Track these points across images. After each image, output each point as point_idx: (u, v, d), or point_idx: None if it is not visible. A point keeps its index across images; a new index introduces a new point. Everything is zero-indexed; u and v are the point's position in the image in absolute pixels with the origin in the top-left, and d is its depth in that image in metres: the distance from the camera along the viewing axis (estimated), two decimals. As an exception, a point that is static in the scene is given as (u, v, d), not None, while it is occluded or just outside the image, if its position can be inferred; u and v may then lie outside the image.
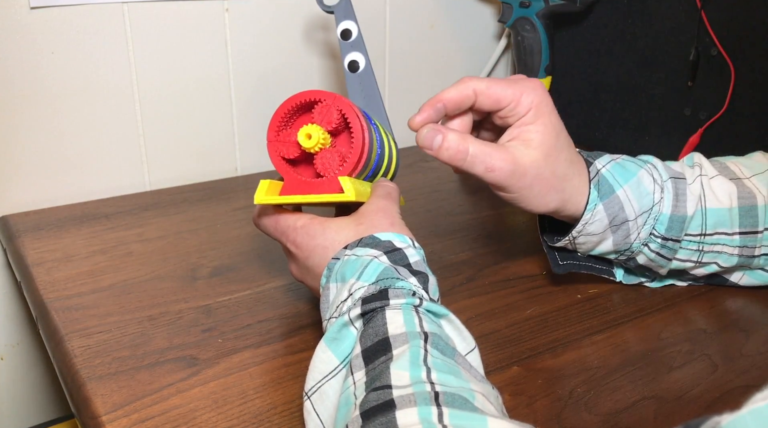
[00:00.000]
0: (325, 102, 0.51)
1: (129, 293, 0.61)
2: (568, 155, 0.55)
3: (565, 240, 0.58)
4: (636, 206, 0.56)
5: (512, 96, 0.52)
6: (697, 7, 0.82)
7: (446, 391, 0.36)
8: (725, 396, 0.50)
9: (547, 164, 0.53)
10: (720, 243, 0.58)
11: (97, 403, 0.47)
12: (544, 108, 0.53)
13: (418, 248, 0.49)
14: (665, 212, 0.57)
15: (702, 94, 0.85)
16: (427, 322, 0.42)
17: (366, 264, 0.45)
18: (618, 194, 0.56)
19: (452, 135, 0.52)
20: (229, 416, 0.46)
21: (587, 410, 0.48)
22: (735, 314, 0.60)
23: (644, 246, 0.58)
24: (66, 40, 0.76)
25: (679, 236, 0.57)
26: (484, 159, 0.52)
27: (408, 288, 0.44)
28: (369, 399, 0.36)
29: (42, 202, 0.79)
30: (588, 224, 0.56)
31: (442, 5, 1.01)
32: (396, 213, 0.52)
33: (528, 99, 0.52)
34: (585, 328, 0.58)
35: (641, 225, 0.57)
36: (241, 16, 0.86)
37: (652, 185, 0.57)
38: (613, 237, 0.58)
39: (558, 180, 0.54)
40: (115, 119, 0.82)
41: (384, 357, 0.39)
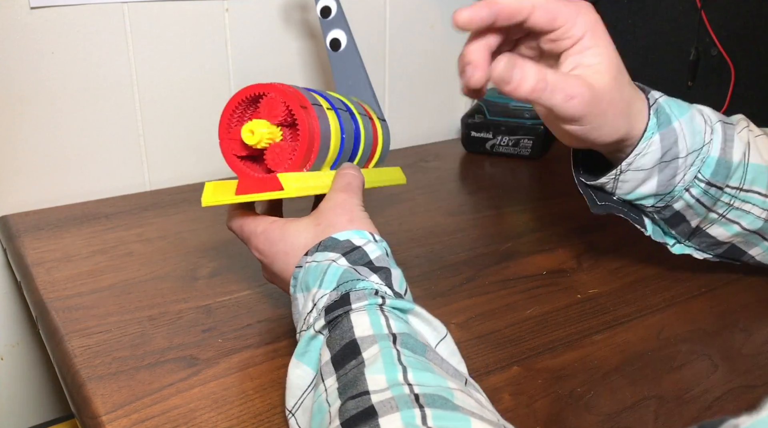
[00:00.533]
0: (270, 95, 0.50)
1: (129, 293, 0.61)
2: (628, 77, 0.52)
3: (611, 175, 0.54)
4: (689, 142, 0.53)
5: (568, 15, 0.49)
6: (697, 7, 0.82)
7: (426, 392, 0.35)
8: (725, 396, 0.50)
9: (617, 88, 0.50)
10: (751, 202, 0.56)
11: (97, 403, 0.47)
12: (600, 30, 0.50)
13: (380, 242, 0.48)
14: (713, 155, 0.54)
15: (702, 94, 0.85)
16: (394, 320, 0.41)
17: (325, 270, 0.44)
18: (674, 126, 0.53)
19: (531, 67, 0.47)
20: (229, 416, 0.46)
21: (587, 410, 0.48)
22: (735, 314, 0.60)
23: (686, 191, 0.55)
24: (66, 40, 0.76)
25: (723, 183, 0.55)
26: (564, 87, 0.47)
27: (369, 288, 0.43)
28: (348, 408, 0.35)
29: (42, 202, 0.79)
30: (641, 155, 0.52)
31: (442, 5, 1.01)
32: (356, 205, 0.50)
33: (584, 20, 0.49)
34: (585, 328, 0.58)
35: (689, 165, 0.54)
36: (241, 16, 0.86)
37: (703, 125, 0.54)
38: (658, 177, 0.54)
39: (626, 104, 0.51)
40: (115, 119, 0.82)
41: (354, 362, 0.38)
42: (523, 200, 0.85)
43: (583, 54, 0.49)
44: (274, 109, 0.50)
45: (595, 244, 0.72)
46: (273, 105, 0.50)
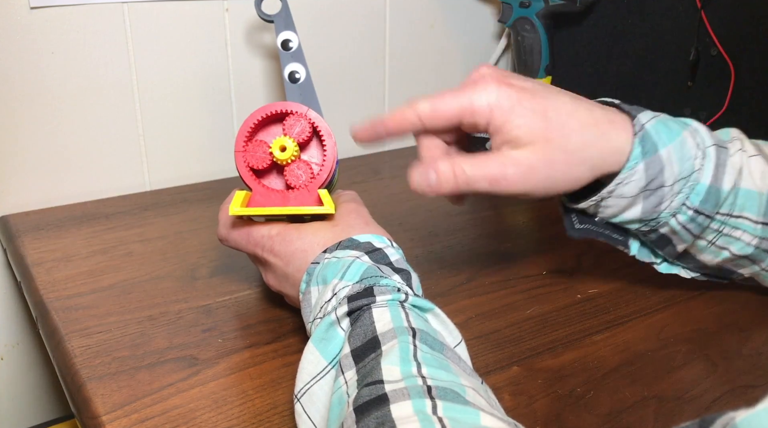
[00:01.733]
0: (297, 113, 0.52)
1: (129, 293, 0.61)
2: (578, 121, 0.47)
3: (592, 201, 0.51)
4: (676, 170, 0.49)
5: (461, 108, 0.47)
6: (697, 7, 0.82)
7: (438, 385, 0.36)
8: (725, 396, 0.50)
9: (553, 146, 0.47)
10: (740, 228, 0.53)
11: (97, 403, 0.47)
12: (505, 102, 0.46)
13: (397, 248, 0.50)
14: (703, 182, 0.50)
15: (702, 94, 0.85)
16: (413, 317, 0.42)
17: (348, 265, 0.46)
18: (661, 154, 0.49)
19: (442, 164, 0.47)
20: (229, 416, 0.46)
21: (587, 410, 0.48)
22: (735, 314, 0.60)
23: (672, 217, 0.52)
24: (66, 40, 0.76)
25: (713, 212, 0.51)
26: (484, 174, 0.47)
27: (392, 285, 0.44)
28: (362, 395, 0.36)
29: (42, 202, 0.79)
30: (623, 184, 0.49)
31: (442, 5, 1.01)
32: (368, 214, 0.53)
33: (482, 102, 0.47)
34: (585, 328, 0.58)
35: (676, 192, 0.50)
36: (241, 16, 0.86)
37: (695, 150, 0.50)
38: (643, 204, 0.51)
39: (575, 154, 0.47)
40: (115, 119, 0.82)
41: (373, 354, 0.39)
42: (523, 200, 0.85)
43: (501, 132, 0.47)
44: (301, 127, 0.52)
45: (595, 244, 0.72)
46: (300, 124, 0.52)
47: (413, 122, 0.49)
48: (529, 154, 0.47)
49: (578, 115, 0.48)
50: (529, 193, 0.48)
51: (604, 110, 0.49)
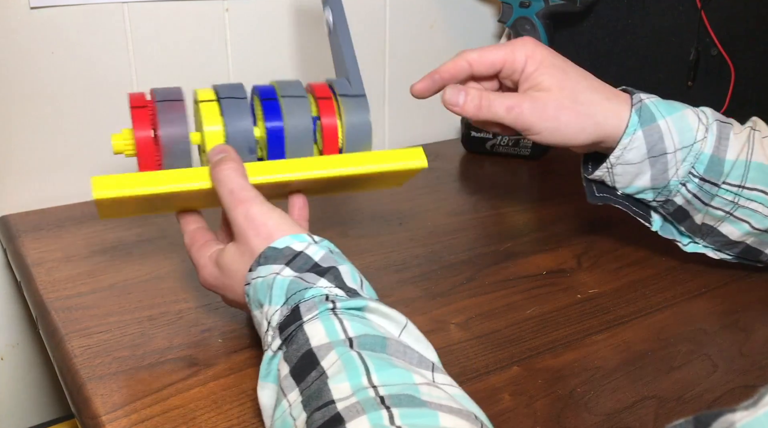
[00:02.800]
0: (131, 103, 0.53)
1: (129, 293, 0.61)
2: (588, 84, 0.57)
3: (603, 169, 0.58)
4: (677, 139, 0.57)
5: (504, 55, 0.56)
6: (697, 7, 0.82)
7: (391, 392, 0.35)
8: (725, 396, 0.50)
9: (565, 94, 0.55)
10: (756, 201, 0.58)
11: (97, 403, 0.47)
12: (538, 55, 0.56)
13: (320, 241, 0.46)
14: (706, 152, 0.57)
15: (702, 94, 0.85)
16: (349, 321, 0.40)
17: (271, 284, 0.44)
18: (659, 124, 0.56)
19: (472, 89, 0.56)
20: (229, 416, 0.46)
21: (587, 410, 0.48)
22: (735, 314, 0.60)
23: (682, 186, 0.58)
24: (66, 40, 0.76)
25: (717, 180, 0.57)
26: (503, 101, 0.55)
27: (319, 295, 0.42)
28: (314, 419, 0.35)
29: (42, 202, 0.79)
30: (626, 149, 0.56)
31: (442, 5, 1.01)
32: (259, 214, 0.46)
33: (521, 53, 0.56)
34: (585, 328, 0.58)
35: (680, 160, 0.57)
36: (241, 16, 0.86)
37: (696, 123, 0.57)
38: (651, 171, 0.58)
39: (583, 106, 0.56)
40: (115, 119, 0.82)
41: (315, 373, 0.38)
42: (523, 200, 0.85)
43: (529, 79, 0.56)
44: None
45: (595, 244, 0.72)
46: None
47: (463, 67, 0.57)
48: (545, 95, 0.55)
49: (589, 80, 0.57)
50: (535, 128, 0.56)
51: (611, 87, 0.58)
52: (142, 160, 0.52)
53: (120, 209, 0.54)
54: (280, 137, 0.53)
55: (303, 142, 0.54)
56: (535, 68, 0.56)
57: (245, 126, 0.52)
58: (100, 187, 0.50)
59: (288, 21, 0.89)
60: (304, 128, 0.54)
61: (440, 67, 0.58)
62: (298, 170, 0.52)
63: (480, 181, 0.92)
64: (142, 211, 0.56)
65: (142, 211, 0.56)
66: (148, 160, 0.52)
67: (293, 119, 0.53)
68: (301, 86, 0.56)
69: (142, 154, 0.52)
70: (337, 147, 0.55)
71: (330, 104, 0.55)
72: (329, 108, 0.55)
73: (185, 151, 0.52)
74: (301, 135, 0.53)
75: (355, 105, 0.55)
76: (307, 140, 0.54)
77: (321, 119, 0.54)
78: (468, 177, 0.94)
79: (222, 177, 0.49)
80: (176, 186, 0.50)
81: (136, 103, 0.52)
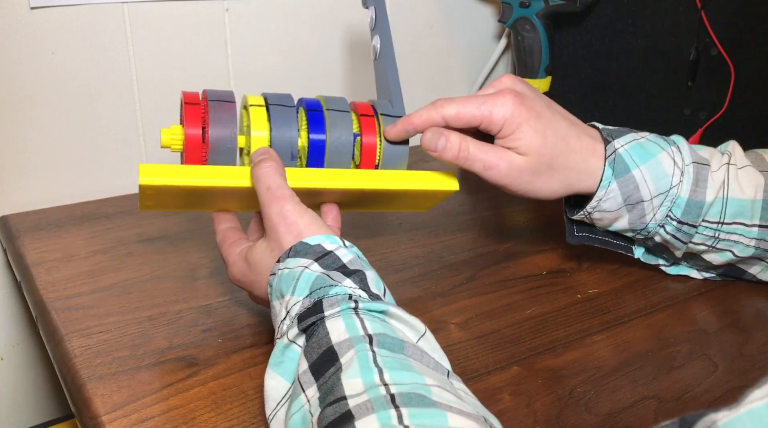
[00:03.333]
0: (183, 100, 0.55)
1: (129, 293, 0.61)
2: (566, 145, 0.56)
3: (581, 214, 0.59)
4: (652, 187, 0.57)
5: (482, 116, 0.55)
6: (697, 7, 0.81)
7: (402, 391, 0.35)
8: (725, 396, 0.50)
9: (542, 161, 0.55)
10: (737, 233, 0.58)
11: (97, 403, 0.47)
12: (517, 118, 0.54)
13: (350, 246, 0.48)
14: (683, 196, 0.57)
15: (702, 95, 0.85)
16: (369, 322, 0.41)
17: (297, 277, 0.44)
18: (633, 174, 0.57)
19: (453, 136, 0.55)
20: (229, 416, 0.46)
21: (587, 410, 0.48)
22: (735, 314, 0.60)
23: (660, 228, 0.59)
24: (66, 40, 0.76)
25: (695, 222, 0.58)
26: (482, 158, 0.55)
27: (343, 293, 0.43)
28: (326, 415, 0.36)
29: (42, 202, 0.79)
30: (602, 201, 0.57)
31: (442, 5, 1.01)
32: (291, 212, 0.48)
33: (499, 115, 0.54)
34: (585, 328, 0.58)
35: (657, 206, 0.58)
36: (241, 16, 0.86)
37: (672, 168, 0.58)
38: (628, 216, 0.58)
39: (557, 172, 0.56)
40: (115, 119, 0.82)
41: (333, 369, 0.38)
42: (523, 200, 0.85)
43: (507, 138, 0.55)
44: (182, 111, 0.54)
45: (595, 244, 0.72)
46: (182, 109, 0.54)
47: (438, 122, 0.56)
48: (522, 161, 0.55)
49: (569, 140, 0.56)
50: (509, 188, 0.57)
51: (591, 138, 0.58)
52: (189, 155, 0.53)
53: (160, 199, 0.54)
54: (321, 147, 0.56)
55: (342, 155, 0.57)
56: (512, 131, 0.54)
57: (290, 133, 0.55)
58: (146, 174, 0.51)
59: (287, 21, 0.89)
60: (345, 142, 0.56)
61: (414, 118, 0.56)
62: (335, 179, 0.55)
63: (480, 181, 0.92)
64: (180, 206, 0.57)
65: (180, 206, 0.57)
66: (195, 156, 0.53)
67: (336, 132, 0.56)
68: (346, 102, 0.59)
69: (190, 149, 0.53)
70: (374, 164, 0.58)
71: (372, 122, 0.58)
72: (371, 126, 0.58)
73: (231, 150, 0.54)
74: (341, 148, 0.56)
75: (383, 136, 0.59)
76: (346, 154, 0.57)
77: (362, 136, 0.57)
78: (468, 177, 0.93)
79: (261, 174, 0.50)
80: (219, 181, 0.51)
81: (190, 100, 0.53)
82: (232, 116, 0.54)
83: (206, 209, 0.58)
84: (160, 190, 0.52)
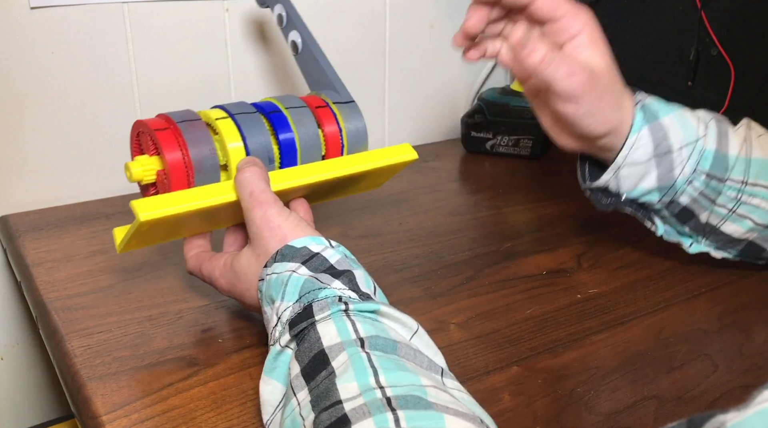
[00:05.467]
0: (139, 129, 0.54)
1: (129, 293, 0.61)
2: (619, 75, 0.56)
3: (609, 173, 0.57)
4: (681, 135, 0.56)
5: (569, 9, 0.53)
6: (697, 7, 0.82)
7: (398, 394, 0.35)
8: (725, 396, 0.50)
9: (610, 78, 0.54)
10: (759, 196, 0.58)
11: (97, 403, 0.47)
12: (597, 30, 0.54)
13: (336, 246, 0.47)
14: (710, 148, 0.57)
15: (702, 94, 0.85)
16: (361, 323, 0.41)
17: (286, 281, 0.44)
18: (662, 121, 0.56)
19: (541, 42, 0.51)
20: (229, 416, 0.46)
21: (587, 410, 0.48)
22: (735, 314, 0.60)
23: (688, 185, 0.58)
24: (66, 40, 0.76)
25: (723, 175, 0.57)
26: (567, 63, 0.52)
27: (332, 296, 0.43)
28: (322, 419, 0.35)
29: (42, 202, 0.79)
30: (633, 149, 0.56)
31: (442, 5, 1.01)
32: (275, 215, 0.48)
33: (583, 18, 0.53)
34: (585, 328, 0.58)
35: (686, 158, 0.57)
36: (241, 16, 0.86)
37: (696, 121, 0.57)
38: (657, 170, 0.57)
39: (617, 96, 0.55)
40: (115, 119, 0.82)
41: (325, 372, 0.38)
42: (523, 200, 0.85)
43: (578, 49, 0.53)
44: (147, 141, 0.54)
45: (595, 244, 0.72)
46: (145, 138, 0.54)
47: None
48: (599, 72, 0.53)
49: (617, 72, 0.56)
50: (584, 99, 0.53)
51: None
52: (175, 181, 0.52)
53: (150, 235, 0.53)
54: (292, 146, 0.56)
55: (312, 149, 0.58)
56: (586, 42, 0.53)
57: (263, 139, 0.55)
58: (143, 209, 0.48)
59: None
60: (313, 136, 0.57)
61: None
62: (314, 174, 0.55)
63: (480, 181, 0.92)
64: (164, 237, 0.56)
65: (164, 237, 0.56)
66: (180, 180, 0.52)
67: (302, 128, 0.57)
68: (298, 98, 0.59)
69: (175, 174, 0.52)
70: (340, 151, 0.59)
71: (328, 112, 0.59)
72: (328, 116, 0.59)
73: (214, 167, 0.54)
74: (311, 143, 0.57)
75: (350, 111, 0.60)
76: (316, 147, 0.58)
77: (323, 127, 0.58)
78: (468, 177, 0.94)
79: (243, 179, 0.50)
80: (217, 199, 0.51)
81: (158, 126, 0.53)
82: (205, 134, 0.54)
83: (185, 235, 0.57)
84: (158, 223, 0.50)
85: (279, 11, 0.64)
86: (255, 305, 0.50)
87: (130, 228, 0.50)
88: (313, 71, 0.63)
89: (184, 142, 0.52)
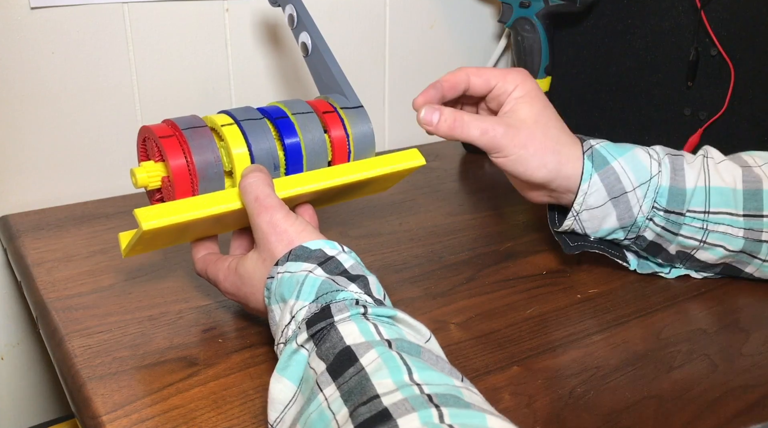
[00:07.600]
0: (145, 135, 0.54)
1: (129, 293, 0.61)
2: (559, 125, 0.60)
3: (570, 218, 0.60)
4: (633, 177, 0.59)
5: (499, 76, 0.59)
6: (697, 7, 0.82)
7: (436, 392, 0.35)
8: (725, 396, 0.50)
9: (538, 127, 0.58)
10: (724, 223, 0.59)
11: (97, 403, 0.47)
12: (527, 86, 0.59)
13: (349, 252, 0.48)
14: (664, 184, 0.59)
15: (702, 94, 0.85)
16: (382, 326, 0.41)
17: (302, 281, 0.44)
18: (612, 166, 0.59)
19: (447, 110, 0.58)
20: (229, 416, 0.46)
21: (587, 410, 0.48)
22: (735, 314, 0.60)
23: (649, 221, 0.59)
24: (66, 40, 0.76)
25: (681, 210, 0.59)
26: (478, 124, 0.57)
27: (350, 298, 0.43)
28: (361, 413, 0.35)
29: (42, 202, 0.79)
30: (588, 195, 0.59)
31: (442, 5, 1.01)
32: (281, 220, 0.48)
33: (513, 78, 0.59)
34: (585, 328, 0.58)
35: (641, 197, 0.59)
36: (241, 16, 0.86)
37: (648, 160, 0.59)
38: (616, 211, 0.59)
39: (551, 142, 0.58)
40: (115, 119, 0.82)
41: (353, 369, 0.38)
42: (523, 200, 0.85)
43: (512, 103, 0.59)
44: (152, 147, 0.53)
45: (595, 244, 0.72)
46: (151, 144, 0.53)
47: (462, 78, 0.60)
48: (520, 123, 0.58)
49: (561, 123, 0.60)
50: (506, 151, 0.58)
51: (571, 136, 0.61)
52: (180, 188, 0.52)
53: (153, 241, 0.53)
54: (298, 152, 0.56)
55: (319, 155, 0.57)
56: (520, 96, 0.58)
57: (269, 145, 0.55)
58: (147, 218, 0.49)
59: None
60: (320, 141, 0.57)
61: (441, 78, 0.60)
62: (320, 180, 0.55)
63: (480, 181, 0.92)
64: (168, 242, 0.56)
65: (168, 242, 0.56)
66: (185, 188, 0.52)
67: (308, 133, 0.56)
68: (306, 103, 0.59)
69: (180, 182, 0.52)
70: (347, 157, 0.59)
71: (335, 118, 0.58)
72: (335, 121, 0.58)
73: (219, 174, 0.53)
74: (317, 148, 0.57)
75: (358, 116, 0.60)
76: (323, 153, 0.57)
77: (329, 132, 0.58)
78: (468, 177, 0.94)
79: (247, 185, 0.50)
80: (221, 207, 0.51)
81: (163, 133, 0.52)
82: (210, 141, 0.53)
83: (191, 240, 0.57)
84: (161, 231, 0.50)
85: (290, 11, 0.64)
86: (258, 308, 0.50)
87: (134, 235, 0.50)
88: (323, 74, 0.63)
89: (188, 149, 0.52)
